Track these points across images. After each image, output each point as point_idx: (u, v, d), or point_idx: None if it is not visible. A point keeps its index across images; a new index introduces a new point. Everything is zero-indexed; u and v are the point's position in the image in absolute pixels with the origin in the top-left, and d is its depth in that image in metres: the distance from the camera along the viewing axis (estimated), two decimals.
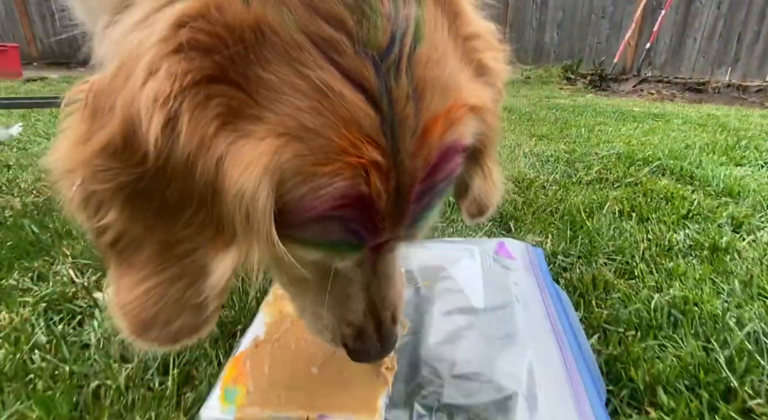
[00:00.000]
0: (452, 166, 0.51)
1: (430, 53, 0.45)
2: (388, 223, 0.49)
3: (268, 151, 0.41)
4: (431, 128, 0.46)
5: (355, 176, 0.43)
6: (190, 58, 0.39)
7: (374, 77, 0.42)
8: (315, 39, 0.41)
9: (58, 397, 0.72)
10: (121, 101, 0.41)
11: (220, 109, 0.41)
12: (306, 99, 0.41)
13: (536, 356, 0.75)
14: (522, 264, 1.05)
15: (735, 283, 1.08)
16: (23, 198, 1.69)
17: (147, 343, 0.51)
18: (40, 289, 1.05)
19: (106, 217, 0.46)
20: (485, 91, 0.53)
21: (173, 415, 0.71)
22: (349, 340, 0.65)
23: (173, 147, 0.41)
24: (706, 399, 0.72)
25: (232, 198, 0.42)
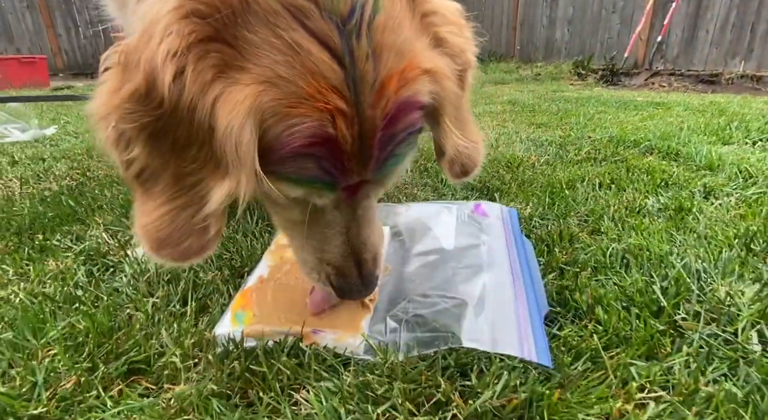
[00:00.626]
0: (410, 119, 0.59)
1: (387, 22, 0.55)
2: (356, 164, 0.59)
3: (251, 95, 0.52)
4: (388, 84, 0.55)
5: (322, 119, 0.53)
6: (194, 23, 0.51)
7: (338, 38, 0.52)
8: (288, 7, 0.52)
9: (100, 315, 0.88)
10: (144, 57, 0.53)
11: (215, 61, 0.52)
12: (281, 54, 0.52)
13: (489, 280, 0.89)
14: (495, 220, 1.19)
15: (691, 235, 1.19)
16: (59, 182, 1.89)
17: (163, 259, 0.63)
18: (79, 247, 1.22)
19: (132, 152, 0.59)
20: (440, 59, 0.62)
21: (192, 330, 0.86)
22: (333, 278, 0.75)
23: (182, 92, 0.52)
24: (635, 312, 0.84)
25: (222, 132, 0.52)
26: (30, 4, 8.66)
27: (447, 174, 0.79)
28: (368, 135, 0.56)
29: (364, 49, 0.53)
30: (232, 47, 0.52)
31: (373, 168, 0.61)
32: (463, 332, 0.77)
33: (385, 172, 0.63)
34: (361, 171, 0.60)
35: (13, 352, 0.80)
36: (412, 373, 0.72)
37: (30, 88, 6.54)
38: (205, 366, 0.77)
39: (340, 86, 0.53)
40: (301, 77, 0.52)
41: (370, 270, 0.75)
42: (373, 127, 0.56)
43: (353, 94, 0.54)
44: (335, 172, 0.59)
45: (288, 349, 0.80)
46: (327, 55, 0.52)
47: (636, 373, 0.71)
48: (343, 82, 0.53)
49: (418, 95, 0.59)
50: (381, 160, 0.60)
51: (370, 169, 0.61)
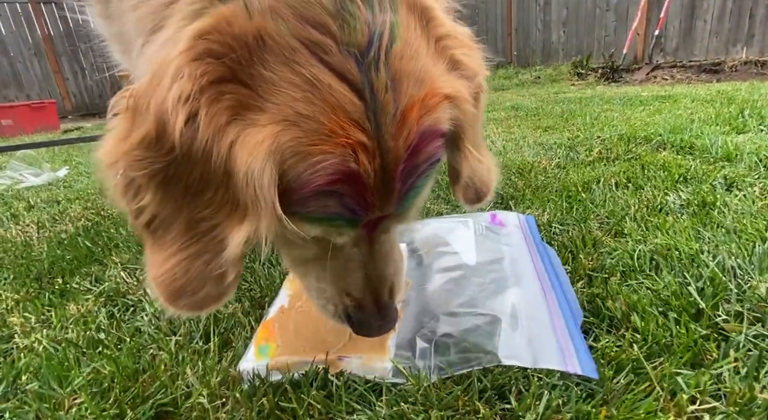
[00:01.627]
0: (432, 148, 0.58)
1: (404, 50, 0.54)
2: (378, 199, 0.56)
3: (270, 136, 0.50)
4: (409, 113, 0.54)
5: (344, 154, 0.51)
6: (207, 64, 0.49)
7: (356, 71, 0.51)
8: (305, 42, 0.50)
9: (124, 358, 0.87)
10: (154, 102, 0.51)
11: (230, 102, 0.50)
12: (300, 91, 0.50)
13: (520, 294, 0.86)
14: (513, 229, 1.16)
15: (719, 230, 1.15)
16: (75, 223, 1.91)
17: (179, 310, 0.61)
18: (98, 288, 1.22)
19: (142, 200, 0.56)
20: (459, 83, 0.60)
21: (217, 367, 0.85)
22: (351, 311, 0.72)
23: (194, 137, 0.50)
24: (674, 317, 0.81)
25: (242, 177, 0.50)
26: (37, 52, 8.96)
27: (461, 199, 0.76)
28: (391, 167, 0.55)
29: (383, 79, 0.52)
30: (248, 87, 0.51)
31: (395, 202, 0.59)
32: (499, 350, 0.74)
33: (406, 205, 0.61)
34: (383, 205, 0.58)
35: (40, 402, 0.79)
36: (448, 398, 0.70)
37: (41, 132, 6.71)
38: (234, 405, 0.75)
39: (360, 119, 0.52)
40: (322, 113, 0.51)
41: (387, 302, 0.72)
42: (395, 159, 0.54)
43: (374, 126, 0.52)
44: (357, 209, 0.57)
45: (315, 381, 0.77)
46: (347, 88, 0.51)
47: (684, 383, 0.67)
48: (363, 115, 0.52)
49: (440, 123, 0.58)
50: (403, 193, 0.58)
51: (392, 203, 0.59)
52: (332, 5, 0.51)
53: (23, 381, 0.86)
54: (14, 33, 8.74)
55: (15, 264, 1.46)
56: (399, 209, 0.61)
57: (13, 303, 1.18)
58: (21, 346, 0.98)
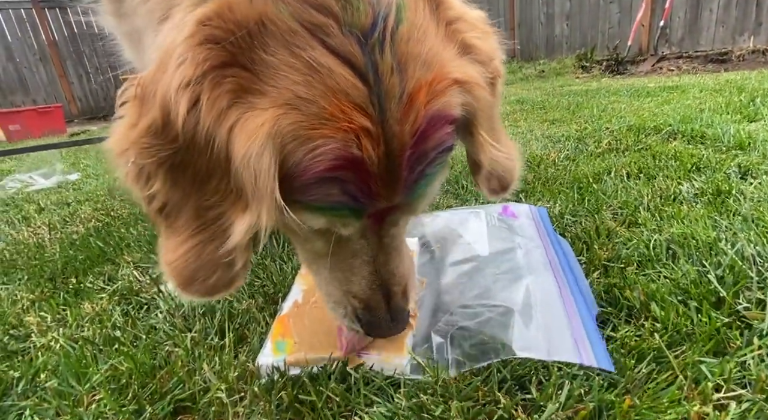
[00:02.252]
0: (441, 135, 0.55)
1: (411, 32, 0.52)
2: (383, 187, 0.54)
3: (270, 119, 0.49)
4: (416, 97, 0.51)
5: (346, 139, 0.50)
6: (209, 49, 0.49)
7: (360, 53, 0.49)
8: (306, 25, 0.49)
9: (141, 355, 0.87)
10: (160, 88, 0.51)
11: (231, 86, 0.50)
12: (300, 74, 0.49)
13: (533, 284, 0.85)
14: (526, 221, 1.15)
15: (736, 218, 1.13)
16: (85, 224, 1.92)
17: (192, 295, 0.61)
18: (112, 287, 1.23)
19: (153, 187, 0.57)
20: (471, 67, 0.58)
21: (234, 362, 0.85)
22: (360, 312, 0.69)
23: (198, 122, 0.50)
24: (694, 306, 0.80)
25: (240, 161, 0.49)
26: (43, 57, 9.02)
27: (484, 190, 0.73)
28: (396, 154, 0.53)
29: (389, 62, 0.50)
30: (249, 71, 0.50)
31: (402, 191, 0.56)
32: (513, 342, 0.73)
33: (415, 195, 0.58)
34: (389, 195, 0.56)
35: (60, 399, 0.79)
36: (467, 390, 0.69)
37: (48, 136, 6.76)
38: (252, 399, 0.75)
39: (364, 104, 0.50)
40: (323, 97, 0.49)
41: (399, 304, 0.69)
42: (401, 145, 0.52)
43: (378, 110, 0.50)
44: (361, 197, 0.55)
45: (334, 374, 0.77)
46: (349, 71, 0.49)
47: (708, 372, 0.66)
48: (367, 99, 0.50)
49: (449, 108, 0.55)
50: (411, 182, 0.56)
51: (399, 192, 0.56)
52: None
53: (42, 379, 0.87)
54: (20, 39, 8.81)
55: (29, 265, 1.47)
56: (407, 199, 0.58)
57: (29, 303, 1.19)
58: (38, 344, 0.99)
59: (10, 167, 3.77)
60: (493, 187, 0.72)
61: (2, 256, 1.58)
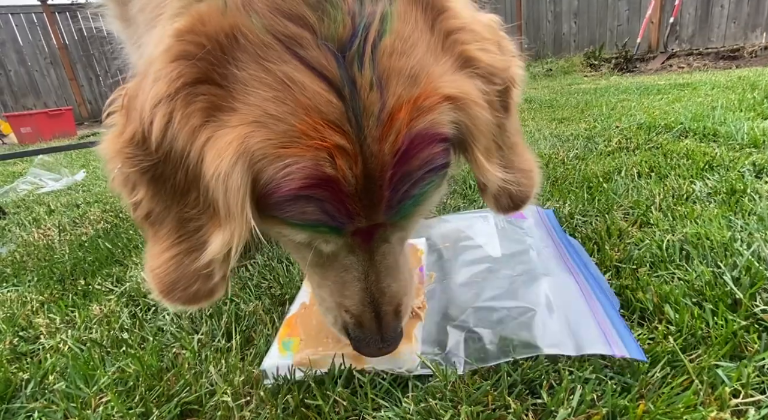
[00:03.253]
0: (428, 155, 0.51)
1: (396, 44, 0.49)
2: (363, 207, 0.52)
3: (238, 137, 0.47)
4: (397, 115, 0.48)
5: (318, 158, 0.47)
6: (182, 65, 0.48)
7: (335, 67, 0.46)
8: (280, 37, 0.47)
9: (148, 357, 0.87)
10: (139, 103, 0.51)
11: (203, 104, 0.49)
12: (270, 90, 0.47)
13: (552, 283, 0.84)
14: (533, 222, 1.13)
15: (751, 218, 1.10)
16: (94, 226, 1.94)
17: (173, 303, 0.61)
18: (120, 289, 1.23)
19: (138, 194, 0.57)
20: (467, 82, 0.54)
21: (240, 365, 0.84)
22: (350, 327, 0.68)
23: (172, 139, 0.50)
24: (710, 308, 0.78)
25: (210, 179, 0.49)
26: (53, 60, 9.13)
27: (493, 208, 0.69)
28: (376, 174, 0.50)
29: (368, 77, 0.47)
30: (221, 87, 0.49)
31: (384, 211, 0.54)
32: (539, 339, 0.72)
33: (402, 214, 0.56)
34: (370, 214, 0.53)
35: (68, 402, 0.79)
36: (477, 394, 0.68)
37: (59, 139, 6.84)
38: (258, 403, 0.75)
39: (339, 121, 0.47)
40: (293, 113, 0.47)
41: (389, 323, 0.66)
42: (381, 165, 0.49)
43: (356, 128, 0.48)
44: (338, 216, 0.52)
45: (340, 378, 0.76)
46: (323, 86, 0.47)
47: (725, 376, 0.64)
48: (343, 116, 0.47)
49: (437, 126, 0.51)
50: (395, 202, 0.53)
51: (380, 212, 0.54)
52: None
53: (50, 381, 0.87)
54: (31, 43, 8.92)
55: (38, 266, 1.48)
56: (393, 218, 0.56)
57: (38, 304, 1.20)
58: (47, 346, 0.99)
59: (22, 169, 3.82)
60: (503, 206, 0.68)
61: (13, 258, 1.60)
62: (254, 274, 1.21)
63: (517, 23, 9.12)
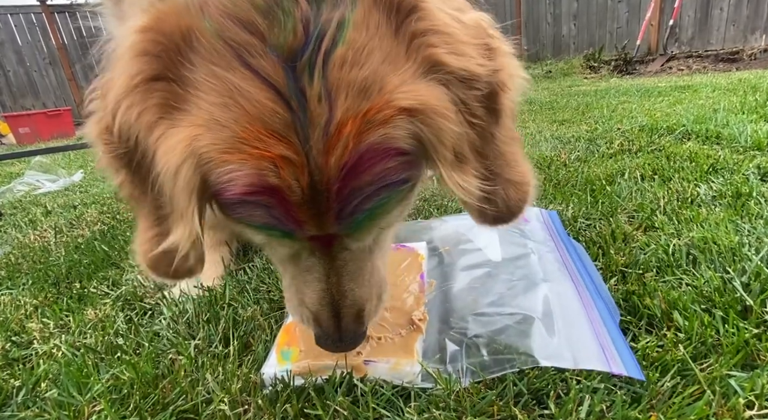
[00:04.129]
0: (381, 170, 0.49)
1: (349, 54, 0.47)
2: (311, 217, 0.51)
3: (187, 138, 0.48)
4: (344, 128, 0.46)
5: (261, 167, 0.47)
6: (142, 62, 0.49)
7: (284, 77, 0.45)
8: (230, 43, 0.47)
9: (143, 363, 0.85)
10: (108, 95, 0.53)
11: (159, 101, 0.50)
12: (218, 96, 0.47)
13: (551, 290, 0.82)
14: (537, 224, 1.12)
15: (759, 222, 1.09)
16: (91, 228, 1.91)
17: (158, 277, 0.67)
18: (116, 292, 1.21)
19: (120, 177, 0.60)
20: (432, 91, 0.50)
21: (237, 372, 0.82)
22: (311, 323, 0.68)
23: (133, 132, 0.52)
24: (720, 315, 0.76)
25: (162, 176, 0.51)
26: (52, 60, 9.11)
27: (476, 220, 0.66)
28: (323, 186, 0.49)
29: (317, 88, 0.46)
30: (177, 86, 0.49)
31: (335, 222, 0.52)
32: (535, 350, 0.70)
33: (356, 228, 0.54)
34: (319, 225, 0.53)
35: (60, 410, 0.77)
36: (482, 404, 0.66)
37: (57, 140, 6.81)
38: (256, 411, 0.72)
39: (284, 131, 0.46)
40: (237, 121, 0.47)
41: (348, 326, 0.66)
42: (327, 178, 0.48)
43: (302, 139, 0.47)
44: (287, 223, 0.52)
45: (341, 387, 0.74)
46: (271, 96, 0.46)
47: (737, 386, 0.62)
48: (289, 127, 0.46)
49: (391, 141, 0.49)
50: (346, 215, 0.52)
51: (330, 224, 0.53)
52: (264, 1, 0.46)
53: (42, 388, 0.85)
54: (30, 43, 8.90)
55: (33, 269, 1.46)
56: (347, 230, 0.55)
57: (32, 308, 1.17)
58: (40, 352, 0.97)
59: (20, 170, 3.80)
60: (488, 219, 0.65)
61: (8, 260, 1.57)
62: (252, 277, 1.18)
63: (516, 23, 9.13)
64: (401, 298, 0.93)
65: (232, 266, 1.28)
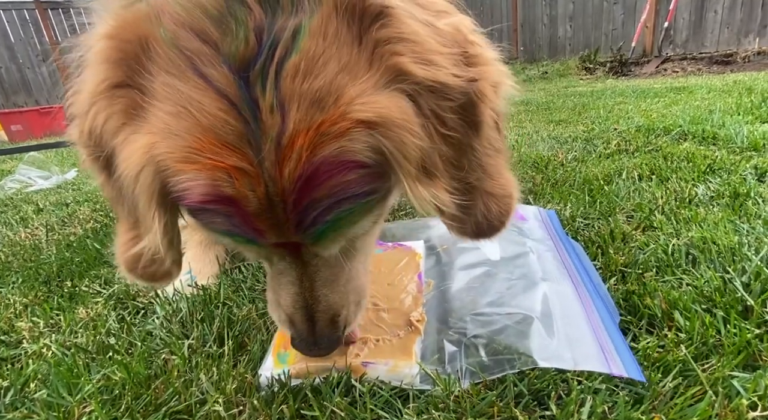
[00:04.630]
0: (337, 182, 0.48)
1: (303, 65, 0.45)
2: (271, 227, 0.50)
3: (145, 145, 0.49)
4: (297, 141, 0.45)
5: (215, 177, 0.46)
6: (106, 69, 0.51)
7: (236, 88, 0.44)
8: (185, 52, 0.46)
9: (135, 363, 0.83)
10: (80, 98, 0.56)
11: (122, 107, 0.51)
12: (172, 105, 0.47)
13: (550, 290, 0.81)
14: (535, 223, 1.11)
15: (757, 222, 1.09)
16: (83, 226, 1.88)
17: (136, 279, 0.68)
18: (108, 291, 1.18)
19: (101, 178, 0.62)
20: (393, 101, 0.48)
21: (232, 372, 0.80)
22: (286, 324, 0.68)
23: (102, 135, 0.54)
24: (721, 316, 0.75)
25: (124, 180, 0.53)
26: (45, 57, 9.01)
27: (453, 233, 0.64)
28: (278, 198, 0.48)
29: (270, 99, 0.44)
30: (138, 94, 0.50)
31: (294, 232, 0.51)
32: (534, 351, 0.69)
33: (319, 237, 0.53)
34: (279, 234, 0.52)
35: (49, 411, 0.75)
36: (482, 405, 0.65)
37: (50, 137, 6.74)
38: (251, 413, 0.71)
39: (237, 143, 0.45)
40: (190, 132, 0.46)
41: (323, 331, 0.65)
42: (282, 190, 0.47)
43: (256, 151, 0.46)
44: (247, 231, 0.51)
45: (338, 388, 0.73)
46: (223, 106, 0.45)
47: (740, 387, 0.62)
48: (242, 138, 0.45)
49: (347, 154, 0.47)
50: (306, 225, 0.50)
51: (290, 234, 0.52)
52: (216, 8, 0.45)
53: (31, 389, 0.83)
54: (22, 40, 8.80)
55: (24, 267, 1.43)
56: (310, 241, 0.54)
57: (22, 307, 1.15)
58: (29, 351, 0.95)
59: (11, 167, 3.75)
60: (466, 232, 0.63)
61: None
62: (248, 276, 1.17)
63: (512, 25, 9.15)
64: (399, 298, 0.92)
65: (227, 265, 1.26)
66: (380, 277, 1.00)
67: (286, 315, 0.66)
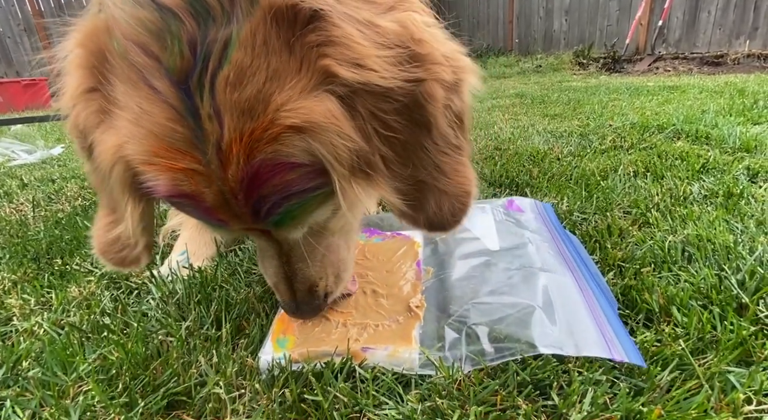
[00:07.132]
0: (280, 181, 0.51)
1: (232, 75, 0.47)
2: (232, 217, 0.55)
3: (114, 146, 0.54)
4: (233, 147, 0.48)
5: (174, 178, 0.51)
6: (80, 75, 0.55)
7: (179, 99, 0.48)
8: (135, 64, 0.49)
9: (132, 344, 0.82)
10: (64, 96, 0.60)
11: (96, 108, 0.55)
12: (131, 113, 0.51)
13: (550, 279, 0.81)
14: (532, 215, 1.11)
15: (750, 222, 1.11)
16: (72, 203, 1.84)
17: (107, 262, 0.72)
18: (100, 270, 1.16)
19: (87, 166, 0.66)
20: (321, 105, 0.48)
21: (232, 355, 0.80)
22: (274, 289, 0.76)
23: (84, 130, 0.59)
24: (718, 312, 0.77)
25: (102, 172, 0.58)
26: (27, 27, 8.67)
27: (409, 225, 0.65)
28: (229, 195, 0.52)
29: (207, 109, 0.48)
30: (107, 99, 0.54)
31: (253, 222, 0.56)
32: (536, 339, 0.70)
33: (278, 225, 0.58)
34: (241, 223, 0.57)
35: (43, 390, 0.74)
36: (484, 393, 0.65)
37: (32, 110, 6.53)
38: (252, 396, 0.71)
39: (186, 147, 0.50)
40: (146, 138, 0.51)
41: (303, 298, 0.74)
42: (230, 189, 0.52)
43: (202, 155, 0.50)
44: (214, 220, 0.57)
45: (341, 373, 0.73)
46: (170, 115, 0.49)
47: (736, 382, 0.63)
48: (190, 143, 0.49)
49: (283, 157, 0.49)
50: (263, 216, 0.55)
51: (250, 223, 0.57)
52: (153, 23, 0.47)
53: (24, 367, 0.81)
54: (3, 8, 8.45)
55: (10, 243, 1.39)
56: (272, 228, 0.59)
57: (11, 284, 1.12)
58: (20, 329, 0.93)
59: None
60: (418, 226, 0.64)
61: None
62: (244, 259, 1.16)
63: (508, 18, 9.09)
64: (398, 285, 0.92)
65: (222, 248, 1.24)
66: (379, 265, 0.99)
67: (272, 283, 0.75)
